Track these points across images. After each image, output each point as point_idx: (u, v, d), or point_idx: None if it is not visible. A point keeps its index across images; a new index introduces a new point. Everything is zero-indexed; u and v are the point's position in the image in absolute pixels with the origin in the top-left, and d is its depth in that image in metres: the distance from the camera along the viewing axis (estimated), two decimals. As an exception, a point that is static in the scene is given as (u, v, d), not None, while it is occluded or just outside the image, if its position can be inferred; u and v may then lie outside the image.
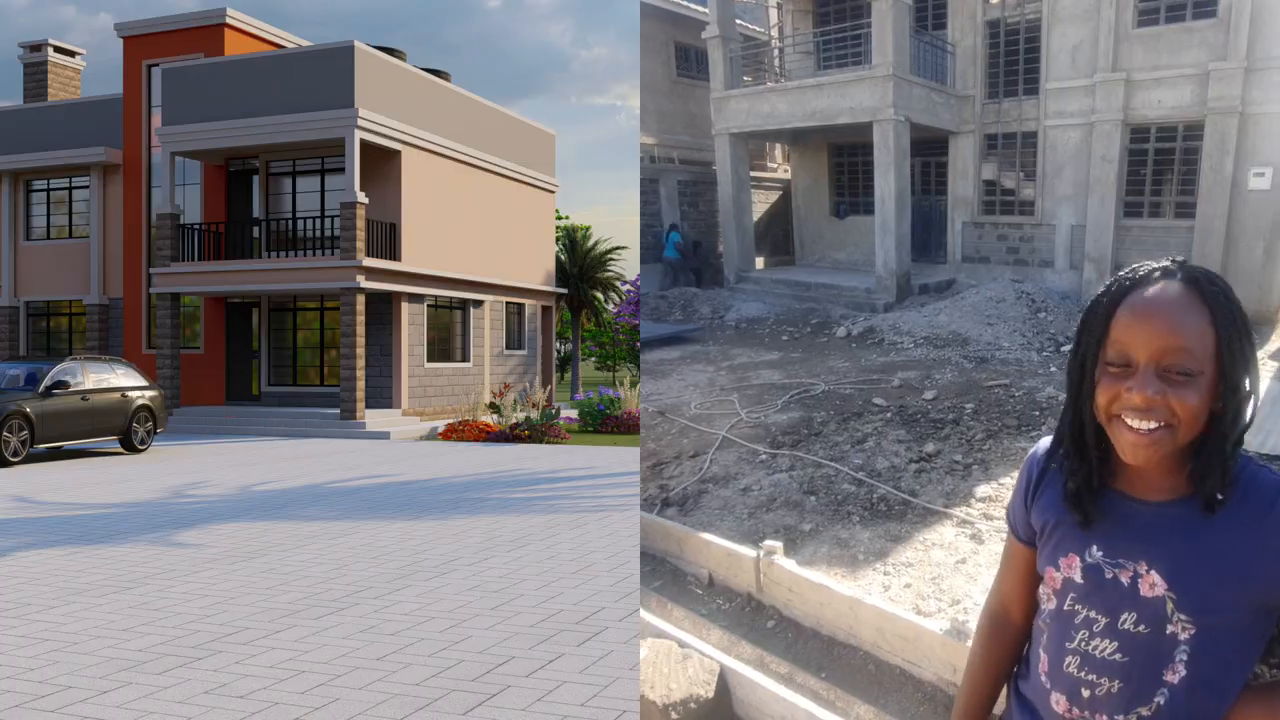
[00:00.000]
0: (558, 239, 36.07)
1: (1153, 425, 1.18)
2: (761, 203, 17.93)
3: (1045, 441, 1.43)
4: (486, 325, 23.10)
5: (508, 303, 24.03)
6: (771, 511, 5.43)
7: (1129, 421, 1.20)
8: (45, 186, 24.06)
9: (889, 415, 7.56)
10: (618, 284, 38.70)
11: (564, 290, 29.36)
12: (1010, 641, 1.49)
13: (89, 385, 14.49)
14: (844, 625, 3.85)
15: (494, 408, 19.51)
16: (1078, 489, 1.30)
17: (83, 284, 23.43)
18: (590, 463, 13.91)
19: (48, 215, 24.10)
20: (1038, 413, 7.66)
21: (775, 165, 19.41)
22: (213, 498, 10.40)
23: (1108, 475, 1.30)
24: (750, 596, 4.34)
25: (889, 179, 13.59)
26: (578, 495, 10.73)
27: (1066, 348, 10.52)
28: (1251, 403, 1.21)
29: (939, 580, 4.47)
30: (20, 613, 5.61)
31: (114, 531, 8.29)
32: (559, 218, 40.23)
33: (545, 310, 25.89)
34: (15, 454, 13.29)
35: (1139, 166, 13.34)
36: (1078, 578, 1.29)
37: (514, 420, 18.36)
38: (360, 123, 18.75)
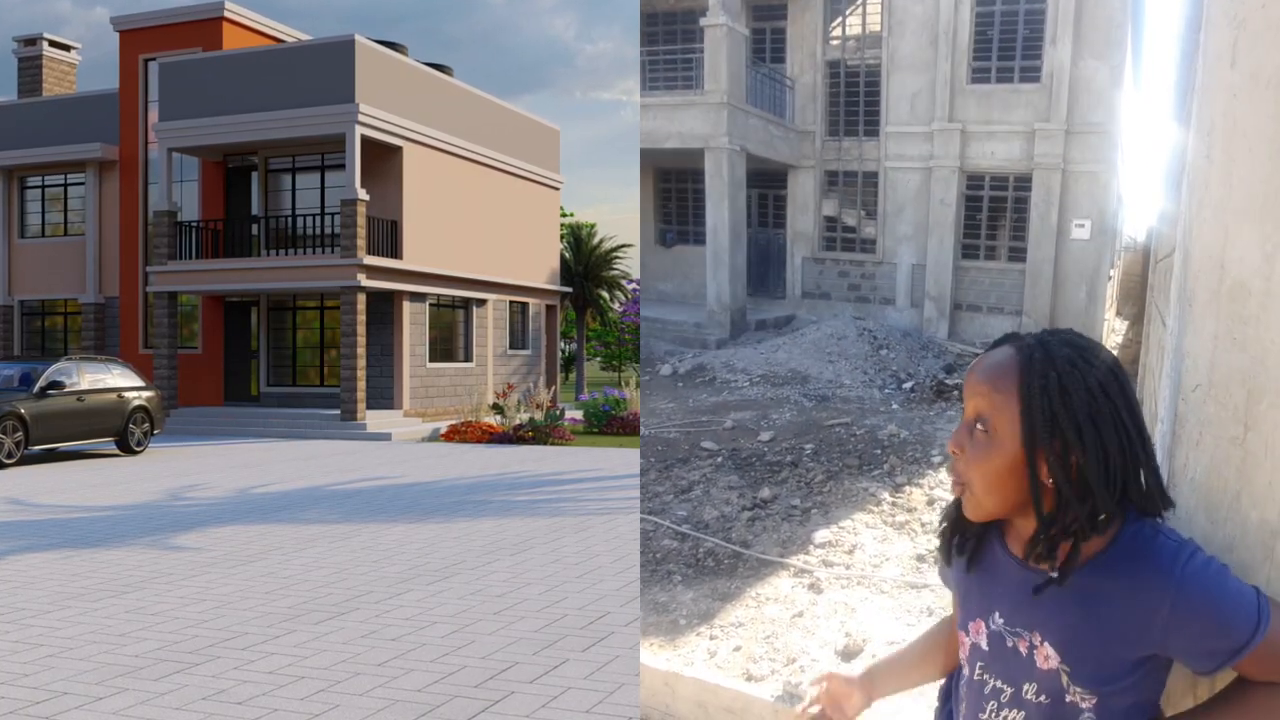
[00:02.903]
0: (562, 237, 35.95)
1: (956, 479, 1.23)
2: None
3: None
4: (490, 324, 22.99)
5: (511, 302, 23.92)
6: (577, 578, 5.16)
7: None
8: (40, 183, 23.94)
9: (719, 460, 7.23)
10: (623, 282, 38.58)
11: (568, 289, 29.25)
12: (951, 651, 1.47)
13: (85, 386, 14.37)
14: (660, 704, 3.47)
15: (497, 408, 19.42)
16: (951, 529, 1.33)
17: (78, 283, 23.31)
18: (595, 464, 13.86)
19: (43, 213, 23.97)
20: (879, 451, 7.50)
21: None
22: (211, 500, 10.33)
23: (996, 534, 1.30)
24: None
25: (722, 209, 14.08)
26: (582, 498, 10.68)
27: (907, 384, 10.81)
28: (1107, 480, 1.16)
29: (773, 639, 4.18)
30: (15, 617, 5.54)
31: (110, 534, 8.22)
32: (563, 215, 40.03)
33: (549, 309, 25.78)
34: (10, 456, 13.18)
35: (975, 212, 14.48)
36: (984, 644, 1.29)
37: (517, 421, 18.27)
38: (361, 118, 18.64)
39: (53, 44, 26.31)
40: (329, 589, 6.20)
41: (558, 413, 18.78)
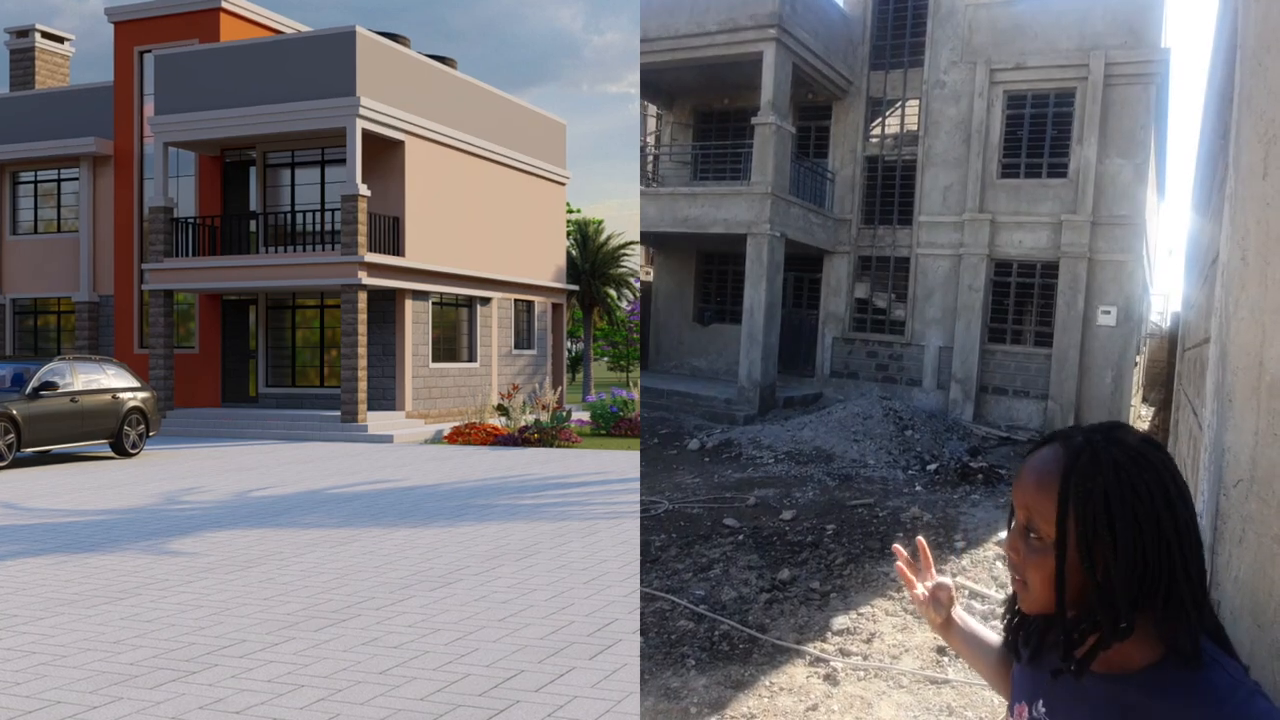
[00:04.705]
0: (569, 233, 35.75)
1: (1015, 575, 1.24)
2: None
3: None
4: (494, 324, 22.86)
5: (516, 300, 23.78)
6: (589, 658, 5.07)
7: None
8: (33, 178, 23.79)
9: (741, 538, 7.23)
10: (631, 280, 38.34)
11: (575, 287, 29.14)
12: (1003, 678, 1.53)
13: (78, 386, 14.25)
14: None
15: (502, 410, 19.31)
16: (1011, 620, 1.35)
17: (72, 280, 23.16)
18: (602, 467, 13.81)
19: (35, 209, 23.82)
20: (902, 534, 7.46)
21: (639, 268, 20.54)
22: (208, 504, 10.28)
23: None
24: None
25: (760, 290, 14.42)
26: (589, 501, 10.64)
27: (932, 466, 10.95)
28: (1136, 590, 1.13)
29: None
30: (7, 624, 5.50)
31: (105, 539, 8.16)
32: (570, 211, 39.81)
33: (556, 308, 25.65)
34: (1, 458, 13.04)
35: (1002, 297, 15.24)
36: None
37: (523, 423, 18.17)
38: (362, 112, 18.51)
39: (45, 35, 26.12)
40: (329, 595, 6.15)
41: (564, 414, 18.64)
